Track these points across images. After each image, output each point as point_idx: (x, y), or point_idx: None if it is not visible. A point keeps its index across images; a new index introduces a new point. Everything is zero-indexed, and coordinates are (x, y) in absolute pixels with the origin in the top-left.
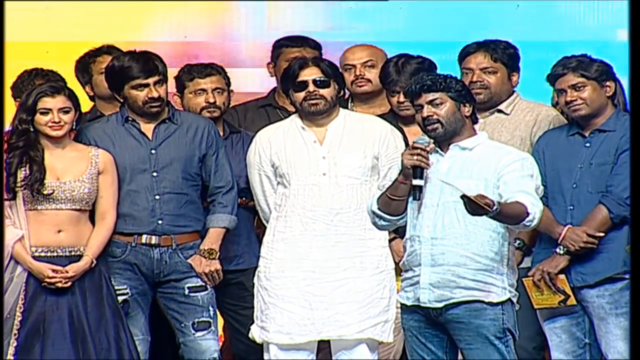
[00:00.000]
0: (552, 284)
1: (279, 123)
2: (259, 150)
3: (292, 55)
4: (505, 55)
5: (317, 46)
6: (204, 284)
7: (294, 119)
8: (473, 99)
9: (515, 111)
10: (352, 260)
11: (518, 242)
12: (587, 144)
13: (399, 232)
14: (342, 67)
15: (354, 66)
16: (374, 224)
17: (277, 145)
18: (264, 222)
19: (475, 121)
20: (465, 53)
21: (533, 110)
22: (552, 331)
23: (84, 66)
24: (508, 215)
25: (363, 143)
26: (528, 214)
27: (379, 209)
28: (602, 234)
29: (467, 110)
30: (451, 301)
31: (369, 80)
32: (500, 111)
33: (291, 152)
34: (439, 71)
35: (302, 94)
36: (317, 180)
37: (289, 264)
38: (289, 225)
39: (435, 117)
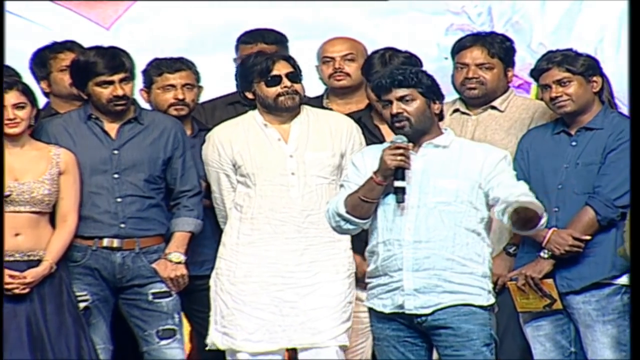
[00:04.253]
0: (537, 288)
1: (236, 120)
2: (217, 149)
3: (245, 52)
4: (502, 50)
5: (277, 41)
6: (168, 289)
7: (254, 116)
8: (443, 96)
9: (509, 108)
10: (324, 264)
11: (513, 248)
12: (573, 143)
13: None
14: (320, 59)
15: (333, 59)
16: (337, 227)
17: (239, 145)
18: (220, 219)
19: (441, 119)
20: (460, 47)
21: (529, 108)
22: (536, 339)
23: (42, 60)
24: (528, 220)
25: (331, 141)
26: (541, 218)
27: (347, 212)
28: (588, 237)
29: (436, 107)
30: (439, 306)
31: (348, 75)
32: (494, 108)
33: (255, 151)
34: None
35: (276, 89)
36: (285, 181)
37: (257, 268)
38: (257, 228)
39: (404, 114)
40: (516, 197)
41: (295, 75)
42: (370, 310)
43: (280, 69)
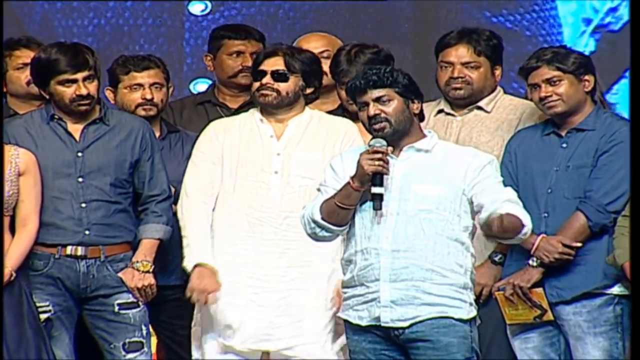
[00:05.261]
0: (526, 298)
1: (235, 116)
2: (211, 137)
3: (235, 48)
4: (489, 47)
5: (262, 38)
6: (135, 300)
7: (254, 112)
8: (421, 95)
9: (496, 108)
10: (300, 270)
11: (499, 256)
12: (564, 145)
13: None
14: None
15: None
16: (312, 234)
17: (231, 136)
18: (180, 215)
19: (421, 119)
20: (445, 44)
21: (517, 108)
22: (524, 352)
23: None
24: (508, 229)
25: (324, 142)
26: (523, 226)
27: (322, 218)
28: (579, 244)
29: (415, 107)
30: (417, 319)
31: (325, 73)
32: (480, 108)
33: (244, 144)
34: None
35: (257, 84)
36: (267, 178)
37: (234, 267)
38: (234, 224)
39: (383, 115)
40: (500, 204)
41: (283, 75)
42: (346, 322)
43: (270, 64)
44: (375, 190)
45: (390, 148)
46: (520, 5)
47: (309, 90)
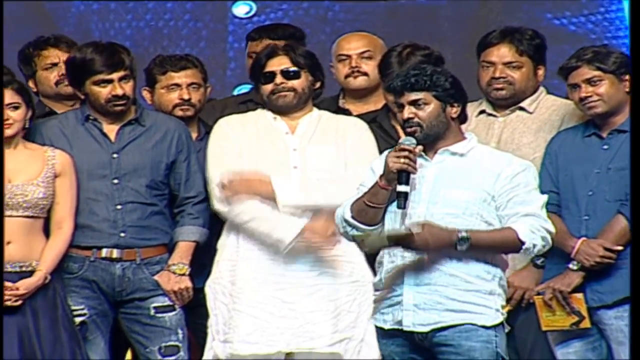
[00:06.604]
0: (565, 303)
1: (244, 114)
2: (227, 132)
3: (252, 49)
4: (532, 47)
5: (286, 36)
6: (172, 303)
7: (264, 111)
8: (464, 98)
9: (539, 109)
10: (328, 264)
11: (541, 259)
12: (605, 146)
13: None
14: (335, 57)
15: (349, 57)
16: (344, 233)
17: (248, 132)
18: (217, 206)
19: (463, 121)
20: (487, 44)
21: (560, 109)
22: (565, 357)
23: (26, 58)
24: (489, 247)
25: (335, 137)
26: (523, 243)
27: (352, 217)
28: (620, 248)
29: (454, 111)
30: (439, 325)
31: (366, 74)
32: (522, 109)
33: (261, 142)
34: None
35: (269, 87)
36: (287, 173)
37: (257, 264)
38: None
39: (415, 119)
40: (515, 219)
41: (294, 72)
42: (375, 326)
43: (275, 64)
44: (401, 188)
45: (420, 147)
46: (585, 6)
47: (317, 85)
